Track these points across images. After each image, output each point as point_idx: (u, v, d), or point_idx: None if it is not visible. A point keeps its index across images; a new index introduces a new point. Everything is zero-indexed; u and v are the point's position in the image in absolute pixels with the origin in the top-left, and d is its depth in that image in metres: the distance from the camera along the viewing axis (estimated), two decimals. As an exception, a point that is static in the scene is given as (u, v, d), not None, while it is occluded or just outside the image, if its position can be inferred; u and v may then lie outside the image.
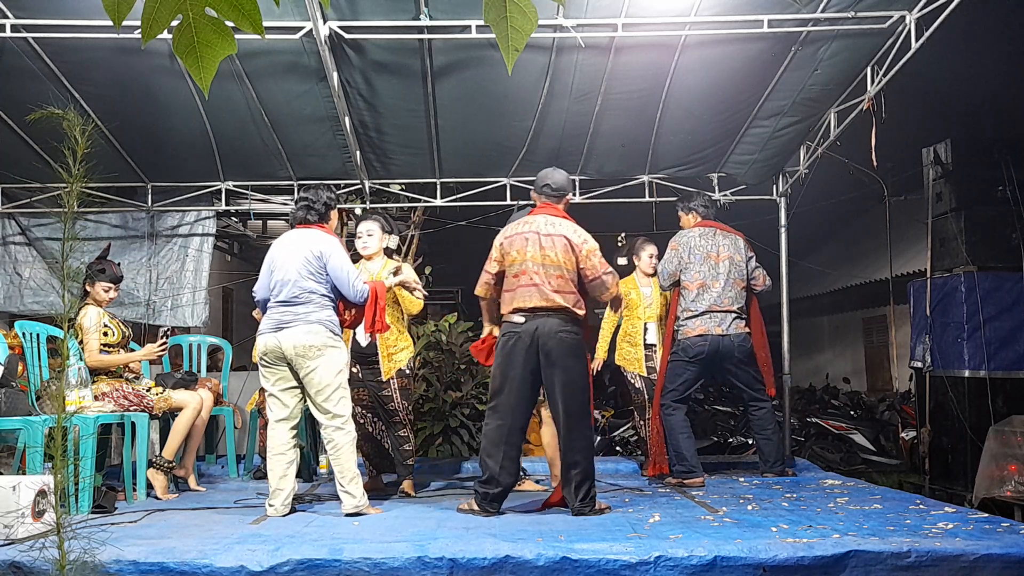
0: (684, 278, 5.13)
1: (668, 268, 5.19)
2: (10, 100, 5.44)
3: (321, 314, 4.02)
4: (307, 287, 4.01)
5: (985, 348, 5.73)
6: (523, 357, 3.90)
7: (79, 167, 2.38)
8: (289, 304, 4.01)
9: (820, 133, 5.92)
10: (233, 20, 1.46)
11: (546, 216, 4.06)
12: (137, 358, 4.81)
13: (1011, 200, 5.79)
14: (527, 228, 4.04)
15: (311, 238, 4.12)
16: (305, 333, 3.95)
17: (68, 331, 2.46)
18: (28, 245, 6.95)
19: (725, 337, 4.99)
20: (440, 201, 6.75)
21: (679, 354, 5.08)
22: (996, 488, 5.07)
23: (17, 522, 3.23)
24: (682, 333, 5.09)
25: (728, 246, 5.17)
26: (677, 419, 5.02)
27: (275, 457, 4.01)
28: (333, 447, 3.99)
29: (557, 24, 4.77)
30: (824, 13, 4.75)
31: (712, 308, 5.02)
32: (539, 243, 3.97)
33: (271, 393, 4.08)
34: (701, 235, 5.19)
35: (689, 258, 5.12)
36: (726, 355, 5.03)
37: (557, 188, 4.14)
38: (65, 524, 2.43)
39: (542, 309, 3.90)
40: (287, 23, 4.65)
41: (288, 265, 4.05)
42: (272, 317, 4.05)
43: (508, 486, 3.98)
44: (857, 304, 12.51)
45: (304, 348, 3.93)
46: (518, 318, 3.94)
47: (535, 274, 3.93)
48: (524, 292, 3.94)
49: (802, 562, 2.91)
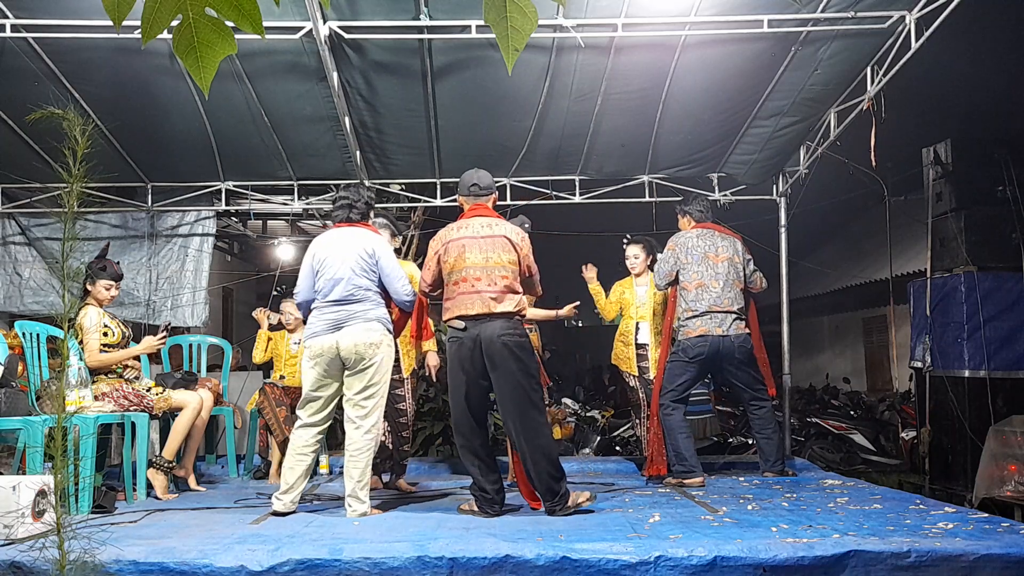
0: (683, 278, 5.13)
1: (664, 268, 5.20)
2: (10, 100, 5.44)
3: (378, 311, 4.01)
4: (362, 284, 3.98)
5: (985, 348, 5.73)
6: (469, 363, 3.91)
7: (79, 167, 2.38)
8: (343, 303, 3.96)
9: (820, 133, 5.93)
10: (233, 20, 1.46)
11: (481, 218, 4.08)
12: (136, 352, 4.78)
13: (1011, 200, 5.79)
14: (463, 233, 4.03)
15: (360, 236, 4.08)
16: (365, 331, 3.92)
17: (68, 331, 2.46)
18: (28, 245, 6.96)
19: (725, 338, 4.99)
20: (440, 201, 6.75)
21: (679, 355, 5.08)
22: (996, 488, 5.07)
23: (17, 522, 3.23)
24: (682, 334, 5.09)
25: (727, 247, 5.17)
26: (676, 419, 5.02)
27: (296, 456, 3.98)
28: (355, 449, 3.93)
29: (557, 24, 4.77)
30: (824, 13, 4.75)
31: (712, 308, 5.01)
32: (479, 247, 3.98)
33: (311, 396, 4.01)
34: (699, 236, 5.19)
35: (687, 258, 5.12)
36: (726, 356, 5.03)
37: (485, 187, 4.18)
38: (65, 524, 2.43)
39: (484, 315, 3.91)
40: (287, 23, 4.65)
41: (339, 263, 3.99)
42: (326, 317, 3.97)
43: (497, 488, 3.98)
44: (857, 304, 12.51)
45: (364, 346, 3.89)
46: (459, 324, 3.95)
47: (476, 280, 3.93)
48: (465, 299, 3.93)
49: (802, 562, 2.91)
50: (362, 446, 3.93)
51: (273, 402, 5.42)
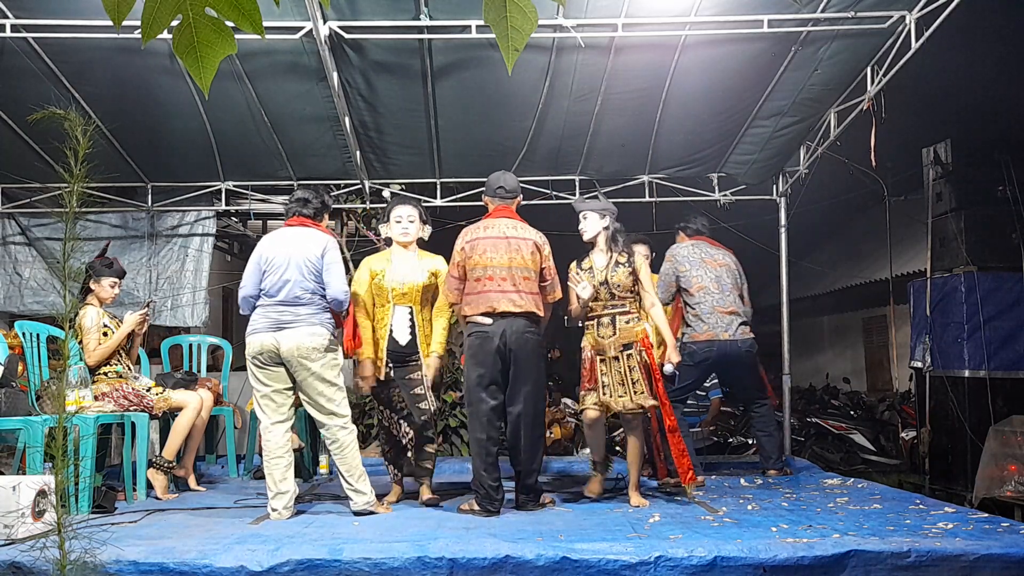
0: (683, 284, 5.16)
1: (665, 280, 5.21)
2: (10, 100, 5.44)
3: (323, 316, 3.98)
4: (309, 288, 3.95)
5: (985, 348, 5.73)
6: (492, 357, 4.00)
7: (80, 167, 2.38)
8: (289, 304, 3.93)
9: (820, 133, 5.93)
10: (233, 20, 1.46)
11: (508, 220, 4.19)
12: (125, 330, 4.71)
13: (1011, 200, 5.80)
14: (491, 232, 4.13)
15: (310, 237, 4.03)
16: (308, 335, 3.89)
17: (69, 331, 2.46)
18: (28, 245, 6.96)
19: (732, 342, 5.01)
20: (440, 201, 6.75)
21: (685, 359, 5.07)
22: (996, 488, 5.07)
23: (17, 522, 3.23)
24: (688, 337, 5.10)
25: (722, 255, 5.26)
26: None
27: (273, 460, 3.93)
28: (338, 447, 3.95)
29: (557, 24, 4.77)
30: (824, 13, 4.75)
31: (716, 309, 5.04)
32: (507, 247, 4.08)
33: (264, 395, 3.98)
34: (693, 246, 5.28)
35: (685, 265, 5.17)
36: (734, 360, 5.07)
37: (511, 190, 4.26)
38: (65, 524, 2.43)
39: (509, 313, 4.02)
40: (287, 23, 4.65)
41: (288, 264, 3.96)
42: (268, 316, 3.95)
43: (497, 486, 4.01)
44: (857, 304, 12.50)
45: (307, 350, 3.88)
46: (486, 320, 4.02)
47: (503, 279, 4.04)
48: (492, 296, 4.02)
49: (802, 562, 2.91)
50: (343, 441, 3.96)
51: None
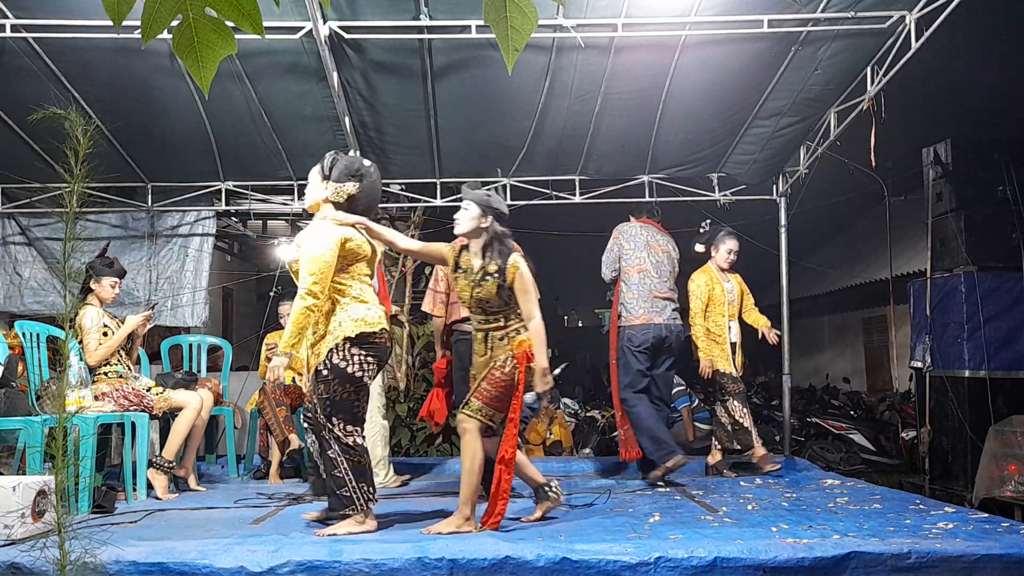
0: (624, 263, 5.27)
1: (610, 256, 5.35)
2: (10, 100, 5.44)
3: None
4: None
5: (985, 348, 5.74)
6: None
7: (81, 167, 2.38)
8: None
9: (820, 133, 5.93)
10: (233, 20, 1.45)
11: None
12: (125, 331, 4.73)
13: (1011, 200, 5.80)
14: None
15: None
16: None
17: (69, 331, 2.46)
18: (28, 245, 6.96)
19: (664, 326, 5.13)
20: (440, 201, 6.75)
21: (624, 344, 5.16)
22: (996, 488, 5.07)
23: (17, 522, 3.23)
24: (625, 320, 5.21)
25: (665, 242, 5.38)
26: (643, 409, 5.08)
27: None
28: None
29: (557, 24, 4.77)
30: (824, 13, 4.75)
31: (653, 294, 5.17)
32: None
33: None
34: (641, 227, 5.38)
35: (630, 244, 5.28)
36: (664, 345, 5.16)
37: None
38: (65, 524, 2.43)
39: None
40: (287, 23, 4.65)
41: None
42: None
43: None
44: (857, 304, 12.49)
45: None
46: (467, 327, 4.15)
47: None
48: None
49: (802, 563, 2.91)
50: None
51: (273, 402, 5.41)
